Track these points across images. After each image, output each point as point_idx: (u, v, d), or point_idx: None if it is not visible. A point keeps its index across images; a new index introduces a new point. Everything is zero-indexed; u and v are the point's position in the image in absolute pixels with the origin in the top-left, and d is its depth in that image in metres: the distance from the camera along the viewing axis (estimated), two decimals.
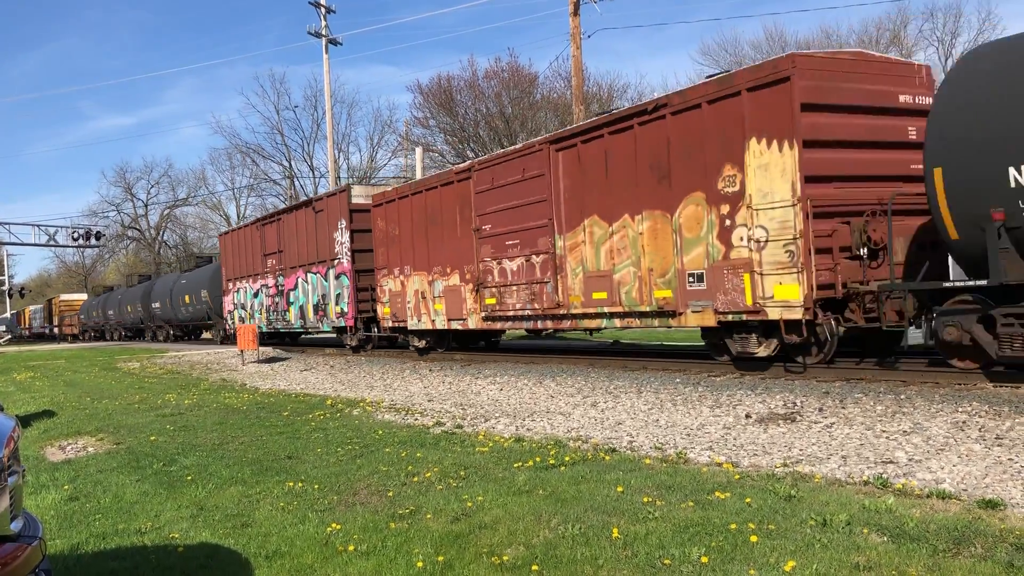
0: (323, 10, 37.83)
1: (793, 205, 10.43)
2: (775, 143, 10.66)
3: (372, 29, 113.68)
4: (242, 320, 28.93)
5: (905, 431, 7.57)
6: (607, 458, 7.38)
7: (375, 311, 20.88)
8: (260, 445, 9.09)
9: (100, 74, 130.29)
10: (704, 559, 4.52)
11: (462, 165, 18.23)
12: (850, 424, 8.09)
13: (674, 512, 5.44)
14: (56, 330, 64.11)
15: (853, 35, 46.14)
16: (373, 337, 21.60)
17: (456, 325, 17.66)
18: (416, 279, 18.84)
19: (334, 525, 5.65)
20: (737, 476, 6.40)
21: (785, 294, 10.60)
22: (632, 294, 12.94)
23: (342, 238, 21.74)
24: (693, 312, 11.92)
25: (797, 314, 10.45)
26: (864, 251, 10.46)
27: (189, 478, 7.50)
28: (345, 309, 21.74)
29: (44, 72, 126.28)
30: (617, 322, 13.54)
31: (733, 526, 5.01)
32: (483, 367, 15.83)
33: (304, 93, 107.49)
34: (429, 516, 5.76)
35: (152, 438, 9.96)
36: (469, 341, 20.41)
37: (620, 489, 6.10)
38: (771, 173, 10.71)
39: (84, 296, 64.39)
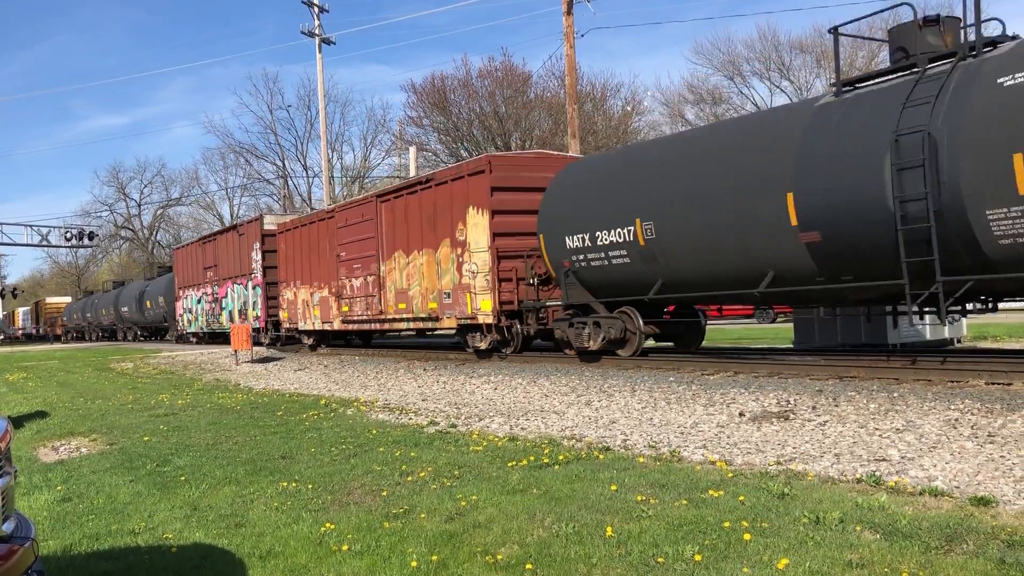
0: (316, 9, 37.78)
1: (488, 250, 15.93)
2: (480, 210, 16.18)
3: (366, 28, 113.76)
4: (190, 322, 34.78)
5: (898, 429, 7.60)
6: (601, 457, 7.38)
7: (279, 315, 26.24)
8: (254, 445, 9.08)
9: (93, 73, 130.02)
10: (698, 557, 4.53)
11: (329, 207, 25.11)
12: (843, 422, 8.12)
13: (668, 510, 5.45)
14: (42, 331, 66.75)
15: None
16: (281, 336, 26.46)
17: (326, 327, 23.09)
18: (303, 291, 24.23)
19: (328, 525, 5.65)
20: (731, 474, 6.42)
21: (486, 307, 16.06)
22: (418, 305, 18.36)
23: (256, 257, 27.26)
24: (447, 318, 17.45)
25: (491, 320, 16.02)
26: (535, 280, 15.80)
27: (183, 478, 7.49)
28: (259, 314, 27.21)
29: (36, 71, 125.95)
30: (411, 324, 19.28)
31: (727, 524, 5.02)
32: (477, 367, 15.84)
33: (297, 92, 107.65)
34: (423, 515, 5.76)
35: (146, 438, 9.94)
36: (340, 339, 25.31)
37: (614, 488, 6.10)
38: (479, 229, 16.22)
39: (68, 299, 67.86)
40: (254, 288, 27.50)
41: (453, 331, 18.48)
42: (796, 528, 4.93)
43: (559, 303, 14.98)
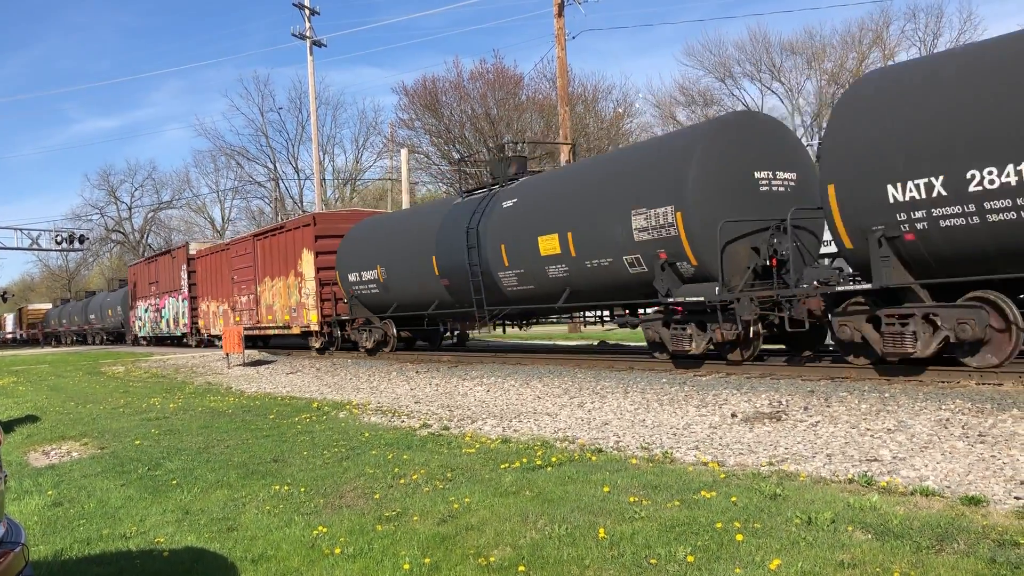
0: (307, 12, 37.74)
1: (314, 279, 22.54)
2: (309, 251, 22.80)
3: (357, 31, 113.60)
4: (140, 328, 40.99)
5: (889, 429, 7.62)
6: (594, 458, 7.39)
7: (199, 323, 33.06)
8: (246, 448, 9.05)
9: (84, 77, 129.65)
10: (690, 558, 4.54)
11: (227, 241, 32.62)
12: (835, 422, 8.14)
13: (660, 512, 5.46)
14: (24, 335, 70.18)
15: (836, 35, 46.43)
16: (204, 339, 32.89)
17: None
18: (213, 304, 30.88)
19: (320, 528, 5.64)
20: (723, 475, 6.43)
21: (314, 319, 22.73)
22: (279, 317, 24.92)
23: (184, 276, 34.10)
24: (295, 326, 23.91)
25: (317, 328, 22.70)
26: (336, 301, 22.50)
27: (174, 482, 7.46)
28: (186, 322, 34.28)
29: (27, 75, 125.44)
30: (276, 331, 25.53)
31: (719, 525, 5.03)
32: (470, 369, 15.83)
33: (289, 95, 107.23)
34: (416, 518, 5.75)
35: (137, 442, 9.90)
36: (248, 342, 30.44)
37: (607, 489, 6.11)
38: (308, 264, 22.80)
39: (49, 306, 71.79)
40: (183, 301, 34.40)
41: (299, 335, 24.70)
42: (788, 529, 4.94)
43: (347, 317, 21.92)
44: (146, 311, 39.92)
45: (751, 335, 11.83)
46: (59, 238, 50.67)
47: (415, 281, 18.63)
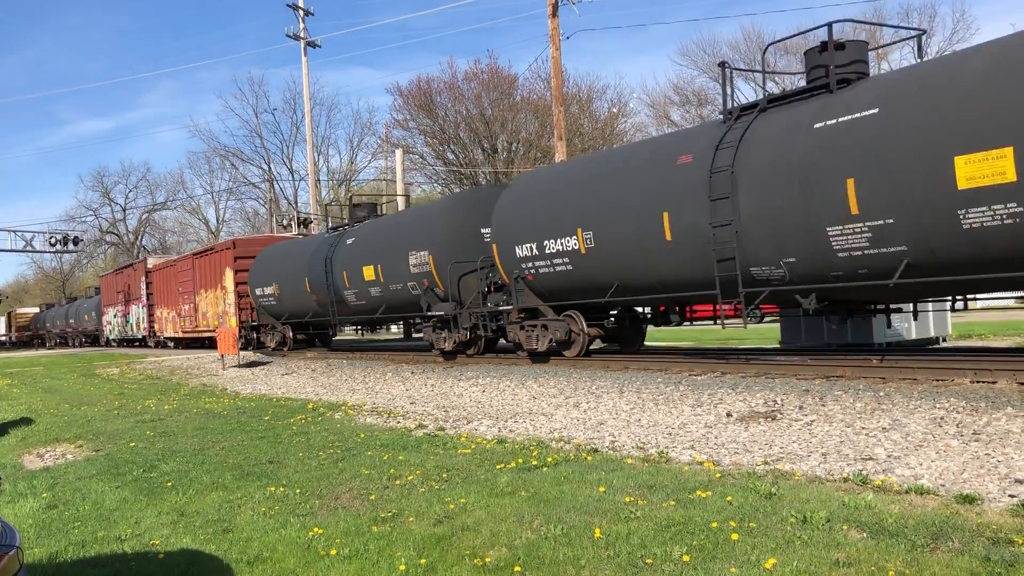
0: (301, 12, 37.70)
1: (234, 292, 27.59)
2: (229, 269, 28.01)
3: (351, 31, 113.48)
4: (111, 331, 46.93)
5: (884, 428, 7.64)
6: (589, 458, 7.39)
7: (155, 327, 39.33)
8: (241, 450, 9.04)
9: (78, 78, 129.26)
10: (686, 558, 4.54)
11: (176, 258, 38.60)
12: (830, 421, 8.15)
13: (656, 511, 5.46)
14: (14, 338, 73.31)
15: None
16: (161, 340, 38.68)
17: (175, 335, 35.88)
18: (165, 311, 37.21)
19: (316, 529, 5.63)
20: (718, 475, 6.43)
21: (233, 323, 27.03)
22: (211, 322, 30.10)
23: (143, 286, 39.96)
24: (219, 328, 27.00)
25: (237, 329, 25.49)
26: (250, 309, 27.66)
27: (169, 484, 7.45)
28: (145, 325, 40.16)
29: (21, 76, 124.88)
30: (209, 334, 29.99)
31: (714, 524, 5.04)
32: (465, 369, 15.84)
33: (283, 96, 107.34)
34: (411, 519, 5.75)
35: (132, 444, 9.88)
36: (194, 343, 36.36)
37: (602, 489, 6.11)
38: (230, 280, 27.79)
39: (36, 310, 76.16)
40: (143, 308, 40.15)
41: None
42: (783, 528, 4.95)
43: (256, 323, 27.23)
44: (115, 316, 45.97)
45: (476, 337, 17.31)
46: (53, 240, 50.53)
47: (297, 296, 23.77)
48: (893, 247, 9.47)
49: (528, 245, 14.88)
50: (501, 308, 16.12)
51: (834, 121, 9.99)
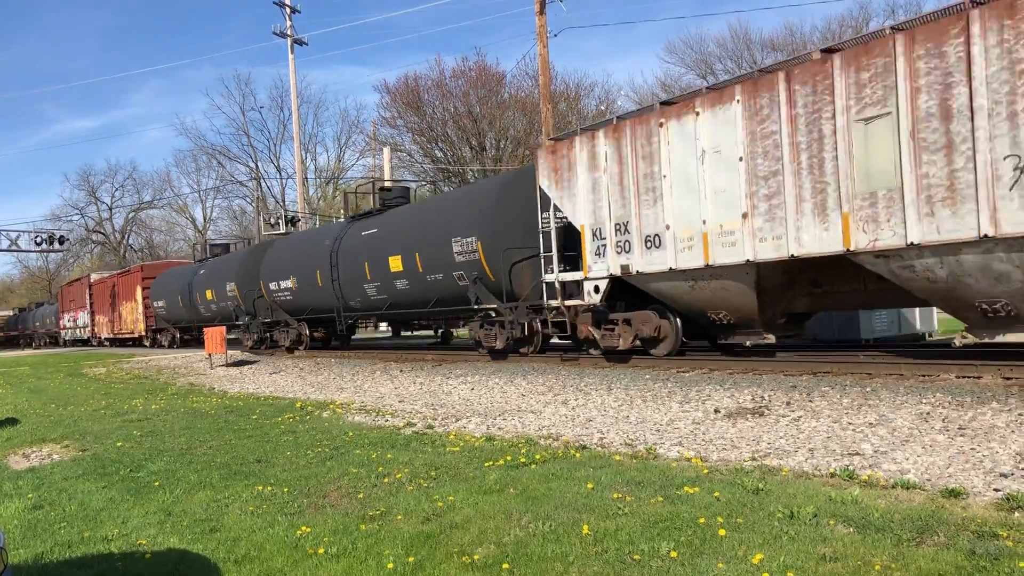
0: (288, 10, 37.56)
1: (142, 304, 39.02)
2: (138, 287, 39.72)
3: (338, 29, 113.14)
4: (67, 332, 55.94)
5: (871, 423, 7.68)
6: (577, 455, 7.40)
7: (96, 329, 48.70)
8: (229, 449, 9.01)
9: (63, 76, 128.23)
10: (673, 553, 4.55)
11: (110, 274, 48.30)
12: (817, 417, 8.19)
13: (644, 508, 5.47)
14: None
15: (816, 32, 46.70)
16: (101, 340, 47.51)
17: (110, 336, 45.12)
18: (101, 316, 46.85)
19: (304, 528, 5.62)
20: (706, 470, 6.45)
21: (142, 328, 39.48)
22: (128, 326, 41.33)
23: (87, 296, 49.38)
24: (136, 332, 40.07)
25: (143, 332, 39.35)
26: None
27: (157, 484, 7.41)
28: (89, 328, 49.35)
29: (5, 74, 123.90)
30: (127, 335, 42.03)
31: (702, 520, 5.05)
32: (454, 367, 15.82)
33: (270, 94, 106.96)
34: (400, 517, 5.74)
35: (119, 444, 9.83)
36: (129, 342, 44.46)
37: (590, 486, 6.12)
38: (138, 295, 39.44)
39: (9, 313, 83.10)
40: (88, 314, 49.66)
41: (138, 336, 40.45)
42: (771, 523, 4.97)
43: (156, 327, 37.64)
44: (69, 320, 55.58)
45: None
46: (39, 239, 50.18)
47: (181, 307, 32.82)
48: (382, 296, 19.49)
49: None
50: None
51: (367, 232, 20.00)
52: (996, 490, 5.41)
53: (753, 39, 50.51)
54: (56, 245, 52.00)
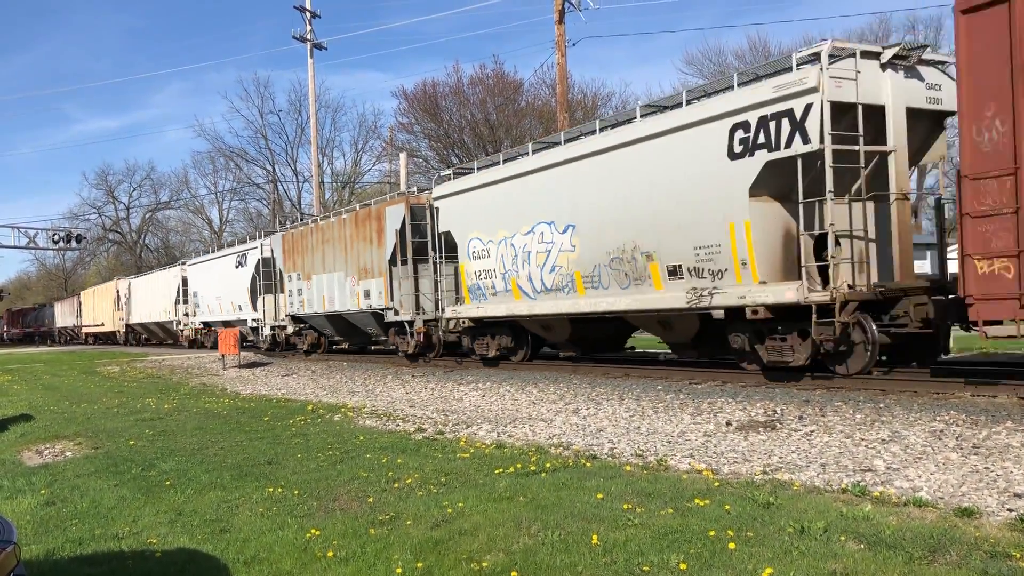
0: (308, 14, 37.77)
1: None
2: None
3: (358, 34, 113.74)
4: (61, 334, 66.52)
5: (884, 439, 7.63)
6: (588, 465, 7.38)
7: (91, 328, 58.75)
8: (240, 450, 9.04)
9: (86, 77, 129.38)
10: (682, 566, 4.54)
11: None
12: (830, 432, 8.15)
13: (653, 519, 5.46)
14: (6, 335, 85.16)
15: None
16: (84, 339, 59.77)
17: (98, 330, 57.20)
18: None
19: (313, 531, 5.63)
20: (717, 483, 6.43)
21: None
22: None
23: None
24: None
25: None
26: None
27: (168, 483, 7.45)
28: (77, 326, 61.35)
29: (28, 74, 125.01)
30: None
31: (712, 533, 5.03)
32: (466, 373, 15.83)
33: (288, 97, 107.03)
34: (409, 522, 5.74)
35: (131, 442, 9.88)
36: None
37: (600, 496, 6.11)
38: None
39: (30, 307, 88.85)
40: (79, 317, 59.83)
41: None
42: (781, 537, 4.94)
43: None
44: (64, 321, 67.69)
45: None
46: (56, 237, 50.70)
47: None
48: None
49: None
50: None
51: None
52: (1010, 510, 5.36)
53: (772, 51, 50.42)
54: (73, 243, 52.51)
